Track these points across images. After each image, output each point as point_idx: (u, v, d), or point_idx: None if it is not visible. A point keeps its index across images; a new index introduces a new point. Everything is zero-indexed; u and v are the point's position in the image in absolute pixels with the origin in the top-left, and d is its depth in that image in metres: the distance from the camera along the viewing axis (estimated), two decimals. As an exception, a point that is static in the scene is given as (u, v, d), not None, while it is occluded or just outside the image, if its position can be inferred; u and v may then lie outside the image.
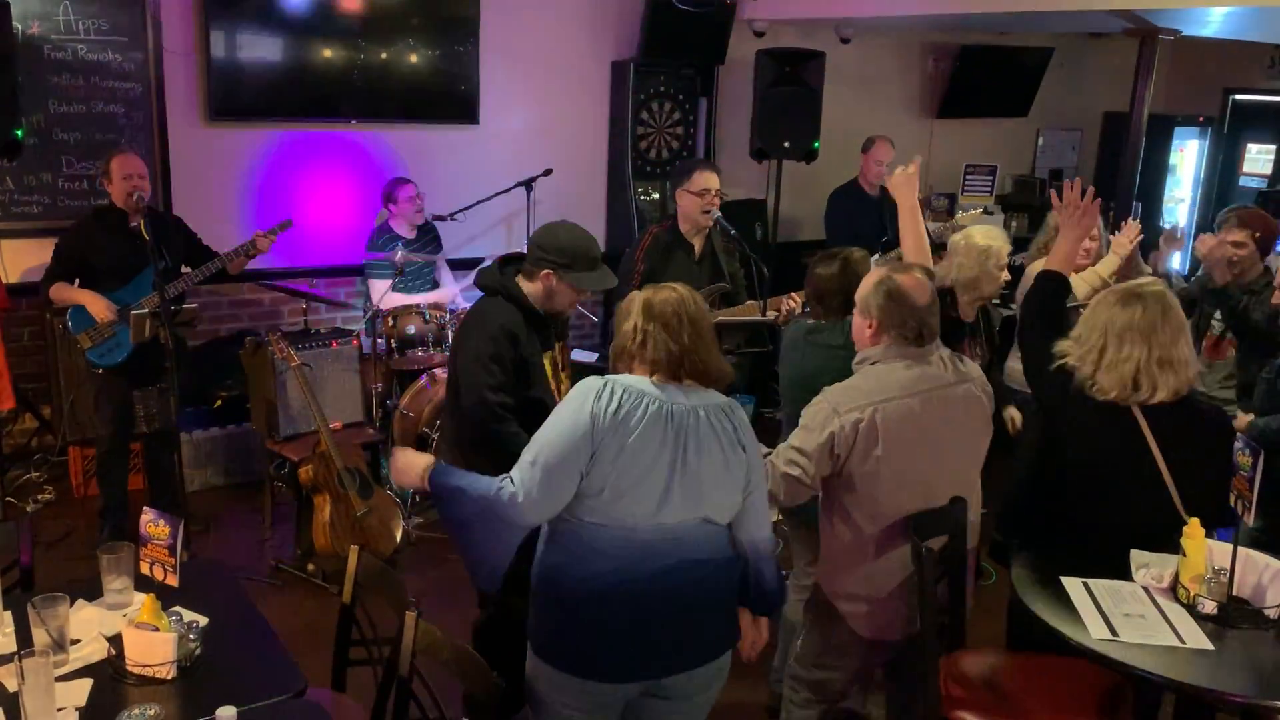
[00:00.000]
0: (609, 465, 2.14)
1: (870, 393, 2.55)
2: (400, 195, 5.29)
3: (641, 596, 2.21)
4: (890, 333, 2.60)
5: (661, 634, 2.24)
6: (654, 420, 2.16)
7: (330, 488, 4.08)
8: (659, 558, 2.21)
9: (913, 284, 2.60)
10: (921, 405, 2.57)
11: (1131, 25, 5.31)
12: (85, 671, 2.18)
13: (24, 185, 4.96)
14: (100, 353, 4.16)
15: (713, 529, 2.28)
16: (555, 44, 6.14)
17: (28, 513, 4.59)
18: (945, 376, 2.64)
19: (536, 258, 2.90)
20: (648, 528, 2.19)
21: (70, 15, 4.90)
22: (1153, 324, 2.64)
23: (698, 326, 2.26)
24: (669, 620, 2.24)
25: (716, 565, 2.29)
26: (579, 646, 2.25)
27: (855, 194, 5.88)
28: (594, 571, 2.20)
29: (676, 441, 2.17)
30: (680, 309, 2.26)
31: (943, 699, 2.57)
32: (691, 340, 2.24)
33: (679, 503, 2.19)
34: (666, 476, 2.17)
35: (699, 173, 4.05)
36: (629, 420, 2.14)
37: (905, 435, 2.55)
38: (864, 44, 7.06)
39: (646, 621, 2.22)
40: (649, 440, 2.15)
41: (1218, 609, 2.37)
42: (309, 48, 5.41)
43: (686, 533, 2.23)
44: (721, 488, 2.24)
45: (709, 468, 2.20)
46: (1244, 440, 2.49)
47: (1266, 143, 7.75)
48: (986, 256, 3.61)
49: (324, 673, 2.63)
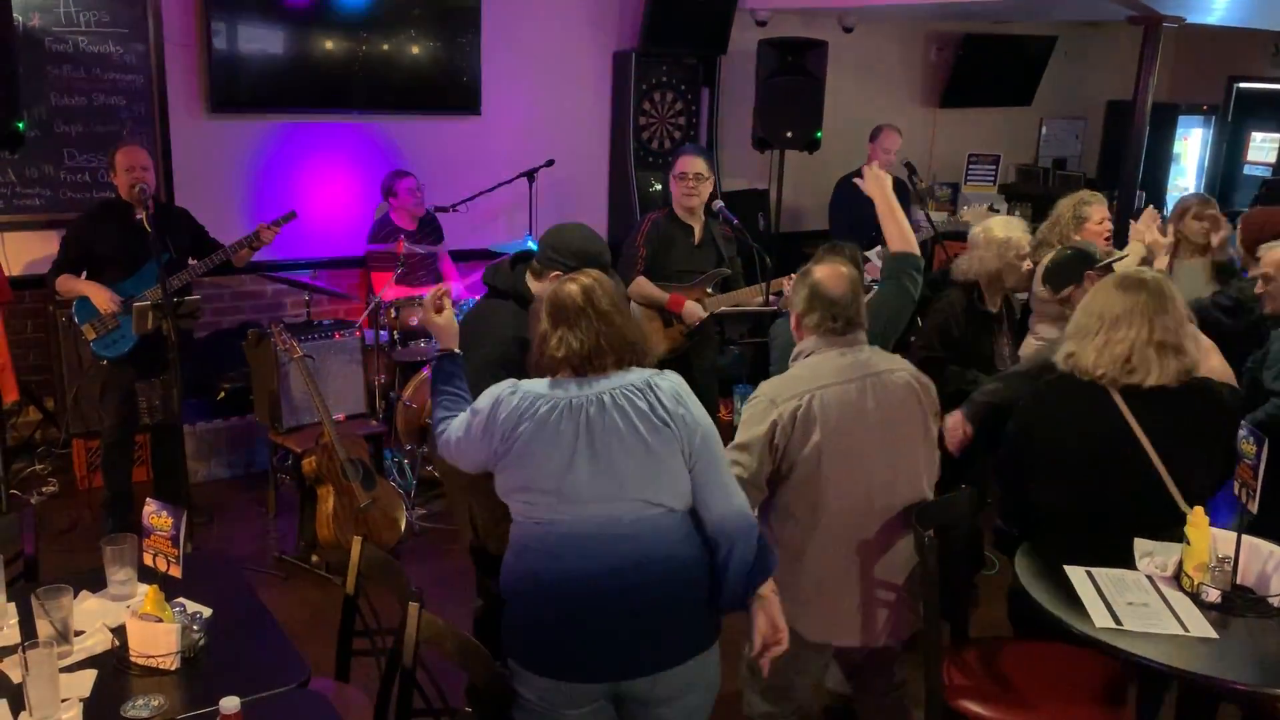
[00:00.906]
0: (514, 469, 2.21)
1: (807, 380, 2.56)
2: (400, 188, 5.29)
3: (584, 595, 2.17)
4: (814, 325, 2.63)
5: (606, 635, 2.18)
6: (542, 421, 2.18)
7: (333, 479, 4.09)
8: (601, 555, 2.17)
9: (829, 275, 2.62)
10: (858, 391, 2.56)
11: (1135, 13, 5.29)
12: (89, 662, 2.18)
13: (25, 178, 4.95)
14: (105, 344, 4.17)
15: (665, 521, 2.21)
16: (557, 34, 6.13)
17: (32, 505, 4.60)
18: (879, 364, 2.64)
19: (547, 258, 2.87)
20: (578, 522, 2.18)
21: (71, 7, 4.89)
22: (1153, 309, 2.64)
23: (604, 315, 2.24)
24: (616, 620, 2.18)
25: (673, 563, 2.21)
26: (533, 644, 2.24)
27: (858, 185, 5.86)
28: (536, 569, 2.21)
29: (576, 434, 2.17)
30: (585, 303, 2.24)
31: (946, 688, 2.57)
32: (598, 331, 2.22)
33: (595, 493, 2.17)
34: (573, 469, 2.16)
35: (681, 157, 4.15)
36: (519, 426, 2.19)
37: (845, 420, 2.53)
38: (866, 33, 7.04)
39: (590, 621, 2.18)
40: (543, 439, 2.17)
41: (1222, 597, 2.36)
42: (310, 39, 5.40)
43: (633, 527, 2.18)
44: (647, 468, 2.18)
45: (621, 450, 2.17)
46: (1248, 428, 2.48)
47: (1271, 131, 7.72)
48: (1007, 248, 3.62)
49: (328, 663, 2.64)
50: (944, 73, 7.58)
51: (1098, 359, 2.66)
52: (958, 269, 3.74)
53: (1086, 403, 2.68)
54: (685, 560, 2.23)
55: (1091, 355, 2.67)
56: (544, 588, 2.20)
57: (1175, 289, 2.74)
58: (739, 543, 2.23)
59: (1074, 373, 2.71)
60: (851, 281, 2.63)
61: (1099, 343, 2.67)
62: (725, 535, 2.23)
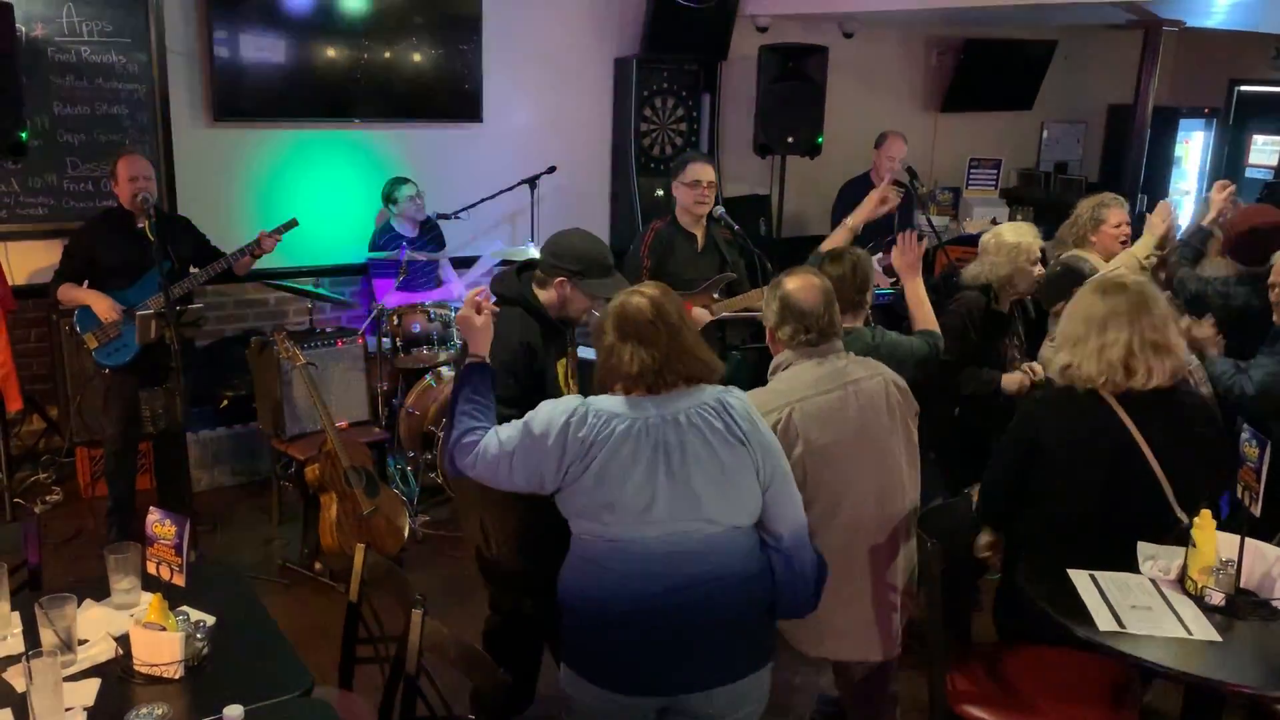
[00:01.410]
0: (587, 489, 2.17)
1: (785, 394, 2.56)
2: (399, 195, 5.30)
3: (649, 612, 2.17)
4: (788, 338, 2.64)
5: (670, 651, 2.18)
6: (620, 440, 2.15)
7: (337, 486, 4.09)
8: (668, 574, 2.16)
9: (800, 287, 2.63)
10: (838, 400, 2.56)
11: (1135, 17, 5.30)
12: (93, 671, 2.18)
13: (29, 187, 4.97)
14: (107, 353, 4.18)
15: (734, 538, 2.21)
16: (558, 41, 6.14)
17: (36, 513, 4.59)
18: (856, 371, 2.63)
19: (550, 265, 2.88)
20: (651, 541, 2.16)
21: (74, 17, 4.91)
22: (1137, 309, 2.62)
23: (674, 330, 2.21)
24: (678, 637, 2.18)
25: (736, 581, 2.20)
26: (593, 655, 2.25)
27: (866, 188, 5.85)
28: (601, 585, 2.20)
29: (654, 455, 2.15)
30: (655, 317, 2.21)
31: (950, 694, 2.57)
32: (669, 347, 2.19)
33: (671, 513, 2.15)
34: (649, 491, 2.14)
35: (691, 165, 4.13)
36: (595, 445, 2.16)
37: (826, 431, 2.53)
38: (867, 38, 7.05)
39: (654, 637, 2.18)
40: (618, 460, 2.15)
41: (1225, 601, 2.35)
42: (312, 48, 5.42)
43: (702, 545, 2.17)
44: (722, 488, 2.18)
45: (700, 471, 2.16)
46: (1250, 431, 2.48)
47: (1272, 134, 7.71)
48: (1017, 253, 3.64)
49: (331, 671, 2.64)
50: (945, 77, 7.59)
51: (1097, 365, 2.62)
52: (968, 275, 3.77)
53: (1087, 413, 2.65)
54: (750, 577, 2.23)
55: (1091, 362, 2.62)
56: (609, 602, 2.19)
57: (1156, 290, 2.73)
58: (797, 554, 2.25)
59: (1074, 384, 2.67)
60: (824, 292, 2.62)
61: (1094, 348, 2.62)
62: (786, 546, 2.24)
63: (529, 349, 2.82)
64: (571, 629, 2.28)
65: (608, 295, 2.92)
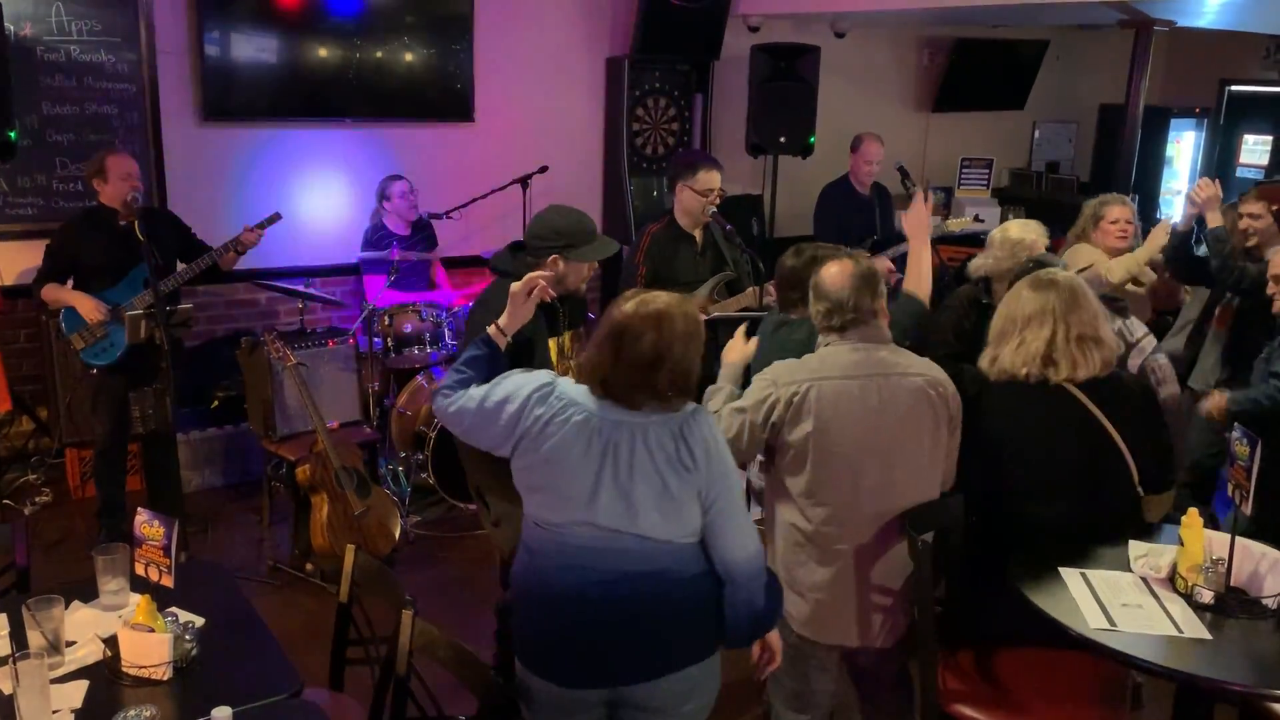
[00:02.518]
0: (536, 467, 2.21)
1: (812, 370, 2.59)
2: (393, 192, 5.29)
3: (584, 603, 2.18)
4: (818, 320, 2.67)
5: (606, 642, 2.19)
6: (576, 430, 2.16)
7: (328, 487, 4.08)
8: (607, 566, 2.17)
9: (829, 274, 2.65)
10: (860, 389, 2.56)
11: (1126, 17, 5.30)
12: (81, 673, 2.17)
13: (18, 187, 4.95)
14: (94, 353, 4.15)
15: (672, 548, 2.19)
16: (550, 41, 6.14)
17: (25, 515, 4.59)
18: (895, 365, 2.63)
19: (538, 247, 2.95)
20: (587, 535, 2.17)
21: (63, 16, 4.88)
22: (1068, 305, 2.72)
23: (664, 358, 2.14)
24: (614, 629, 2.18)
25: (675, 575, 2.19)
26: (535, 644, 2.28)
27: (846, 191, 5.86)
28: (542, 570, 2.23)
29: (603, 455, 2.15)
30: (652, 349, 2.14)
31: (940, 693, 2.57)
32: (645, 374, 2.14)
33: (609, 514, 2.16)
34: (591, 486, 2.15)
35: (704, 171, 4.05)
36: (548, 427, 2.18)
37: (839, 415, 2.53)
38: (859, 38, 7.06)
39: (593, 628, 2.19)
40: (568, 449, 2.16)
41: (1215, 599, 2.36)
42: (303, 47, 5.40)
43: (637, 545, 2.17)
44: (661, 510, 2.15)
45: (642, 488, 2.15)
46: (1241, 430, 2.48)
47: (1263, 133, 7.74)
48: (1021, 248, 3.65)
49: (322, 672, 2.63)
50: (937, 77, 7.60)
51: (1014, 359, 2.73)
52: (972, 267, 3.81)
53: (1048, 402, 2.71)
54: (689, 573, 2.21)
55: (1008, 356, 2.75)
56: (549, 592, 2.22)
57: (1086, 286, 2.82)
58: (743, 587, 2.22)
59: (999, 375, 2.77)
60: (854, 278, 2.62)
61: (1014, 344, 2.75)
62: (731, 577, 2.22)
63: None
64: (517, 619, 2.32)
65: (601, 258, 3.01)
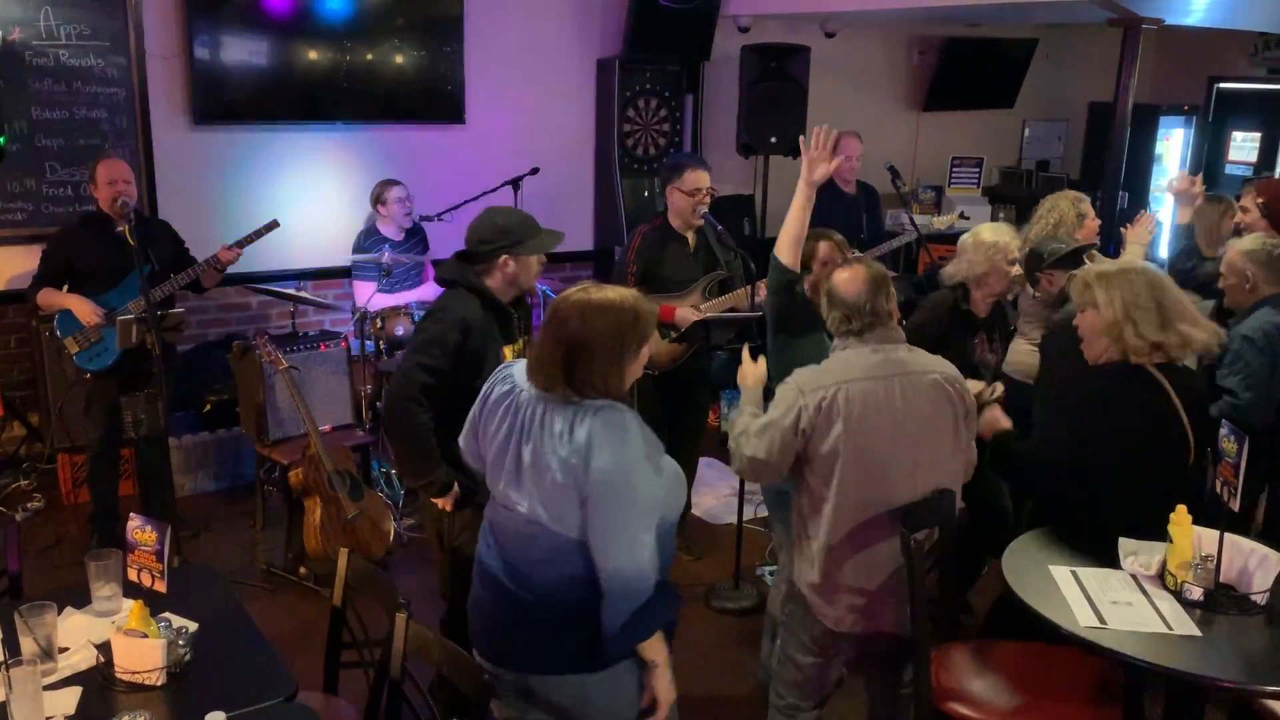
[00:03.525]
0: (478, 435, 2.39)
1: (836, 374, 2.61)
2: (389, 197, 5.28)
3: (488, 577, 2.32)
4: (835, 325, 2.71)
5: (497, 624, 2.31)
6: (499, 399, 2.32)
7: (320, 490, 4.08)
8: (508, 544, 2.29)
9: (845, 279, 2.69)
10: (885, 389, 2.59)
11: (1115, 15, 5.32)
12: (74, 679, 2.17)
13: (7, 192, 4.93)
14: (88, 357, 4.15)
15: (557, 540, 2.18)
16: (540, 42, 6.14)
17: (16, 520, 4.57)
18: (913, 364, 2.67)
19: (485, 251, 2.95)
20: (498, 512, 2.31)
21: (51, 21, 4.87)
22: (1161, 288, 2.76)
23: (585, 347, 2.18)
24: (502, 613, 2.29)
25: (562, 575, 2.19)
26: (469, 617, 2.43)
27: (831, 191, 5.87)
28: (479, 543, 2.40)
29: (513, 425, 2.27)
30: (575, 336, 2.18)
31: (935, 690, 2.58)
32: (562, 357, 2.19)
33: (506, 483, 2.27)
34: (504, 455, 2.28)
35: (690, 171, 4.06)
36: (488, 396, 2.37)
37: (867, 416, 2.56)
38: (848, 38, 7.07)
39: (486, 605, 2.33)
40: (494, 417, 2.32)
41: (1204, 595, 2.37)
42: (293, 50, 5.40)
43: (530, 528, 2.22)
44: (543, 492, 2.19)
45: (532, 462, 2.21)
46: (1229, 427, 2.49)
47: (1251, 130, 7.76)
48: (994, 251, 3.65)
49: (315, 676, 2.63)
50: (926, 76, 7.61)
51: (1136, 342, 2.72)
52: (946, 273, 3.78)
53: (1138, 388, 2.73)
54: (579, 584, 2.19)
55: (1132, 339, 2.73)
56: (476, 562, 2.40)
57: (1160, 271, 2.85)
58: (611, 600, 2.16)
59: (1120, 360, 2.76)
60: (869, 282, 2.66)
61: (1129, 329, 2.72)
62: (616, 593, 2.16)
63: (464, 324, 2.89)
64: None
65: (551, 248, 3.05)
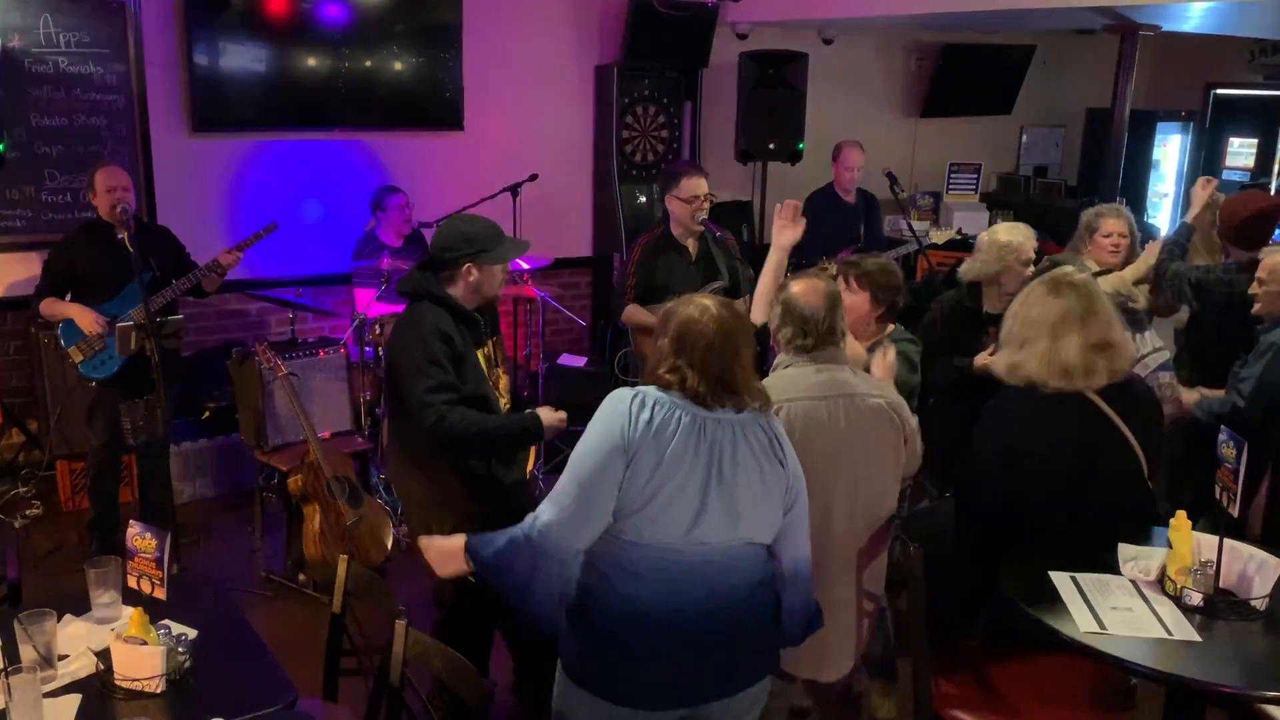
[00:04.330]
0: (646, 477, 2.08)
1: (778, 390, 2.54)
2: (390, 204, 5.27)
3: (678, 622, 2.14)
4: (787, 340, 2.64)
5: (698, 661, 2.18)
6: (688, 432, 2.10)
7: (320, 497, 4.08)
8: (697, 582, 2.14)
9: (803, 291, 2.63)
10: (828, 410, 2.56)
11: (1112, 22, 5.34)
12: (73, 687, 2.17)
13: (6, 199, 4.94)
14: (92, 366, 4.15)
15: (753, 551, 2.21)
16: (539, 49, 6.15)
17: (15, 528, 4.56)
18: (857, 386, 2.63)
19: (449, 259, 2.93)
20: (685, 549, 2.12)
21: (51, 28, 4.88)
22: (1086, 309, 2.68)
23: (729, 351, 2.14)
24: (707, 647, 2.18)
25: (754, 590, 2.22)
26: (614, 671, 2.19)
27: (831, 199, 5.89)
28: (630, 594, 2.14)
29: (710, 456, 2.10)
30: (713, 339, 2.13)
31: (935, 698, 2.58)
32: (722, 367, 2.13)
33: (715, 521, 2.11)
34: (701, 493, 2.09)
35: (687, 179, 4.07)
36: (664, 430, 2.09)
37: (808, 435, 2.52)
38: (846, 45, 7.09)
39: (683, 648, 2.16)
40: (683, 452, 2.09)
41: (1204, 601, 2.37)
42: (292, 57, 5.41)
43: (726, 556, 2.17)
44: (760, 505, 2.17)
45: (745, 484, 2.13)
46: (1228, 433, 2.50)
47: (1248, 136, 7.79)
48: (1007, 251, 3.67)
49: (315, 683, 2.63)
50: (924, 83, 7.63)
51: (1040, 368, 2.67)
52: (962, 271, 3.82)
53: (1067, 409, 2.68)
54: (764, 588, 2.25)
55: (1034, 364, 2.68)
56: (628, 610, 2.14)
57: (1099, 287, 2.79)
58: (802, 587, 2.29)
59: (1020, 382, 2.71)
60: (827, 296, 2.62)
61: (1039, 350, 2.68)
62: (796, 577, 2.27)
63: (442, 333, 2.88)
64: (584, 642, 2.22)
65: (515, 257, 3.05)
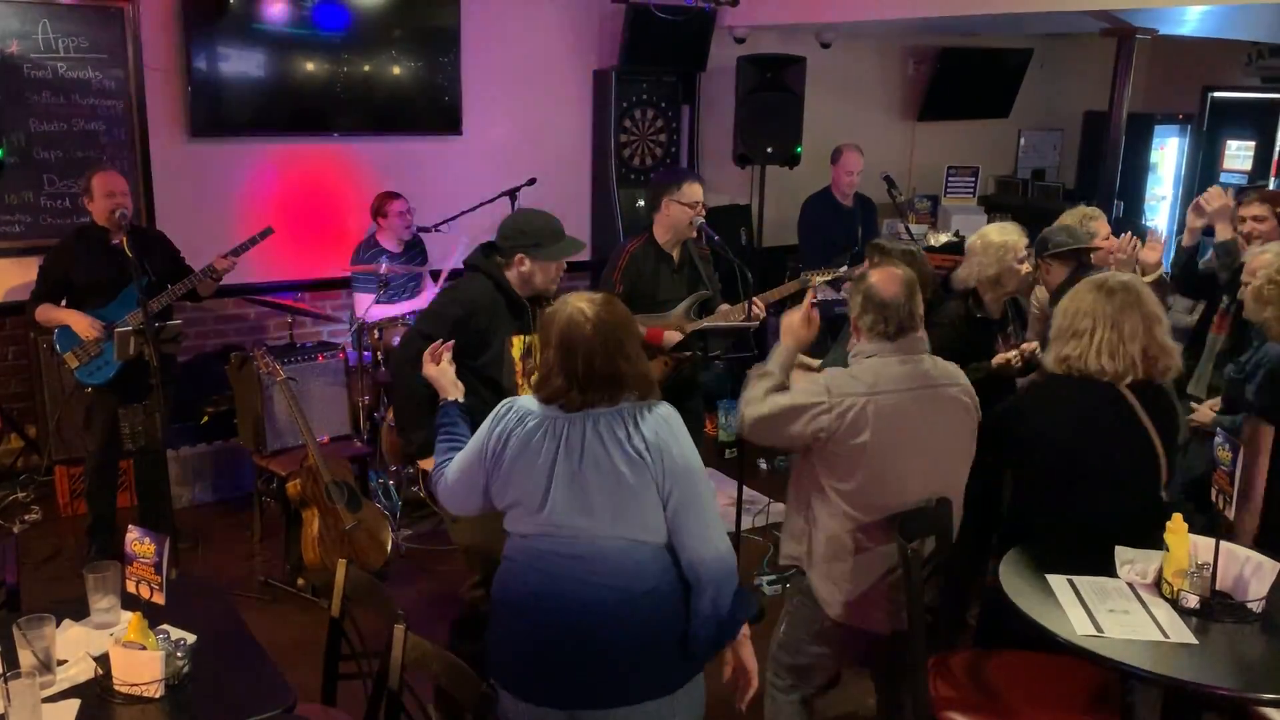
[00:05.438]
0: (502, 482, 2.27)
1: (868, 385, 2.61)
2: (390, 209, 5.28)
3: (552, 617, 2.18)
4: (868, 328, 2.69)
5: (569, 661, 2.19)
6: (529, 435, 2.23)
7: (318, 501, 4.08)
8: (575, 578, 2.17)
9: (882, 279, 2.68)
10: (914, 402, 2.62)
11: (1109, 25, 5.35)
12: (72, 692, 2.16)
13: (5, 204, 4.94)
14: (88, 371, 4.15)
15: (641, 553, 2.18)
16: (537, 53, 6.16)
17: (14, 533, 4.57)
18: (937, 376, 2.69)
19: (507, 247, 3.10)
20: (556, 536, 2.20)
21: (50, 33, 4.89)
22: (1147, 309, 2.74)
23: (613, 348, 2.20)
24: (579, 648, 2.17)
25: (646, 599, 2.17)
26: (499, 658, 2.30)
27: (828, 202, 5.90)
28: (516, 584, 2.27)
29: (555, 451, 2.20)
30: (594, 340, 2.19)
31: (932, 699, 2.58)
32: (610, 367, 2.19)
33: (570, 515, 2.18)
34: (546, 480, 2.20)
35: (688, 184, 4.09)
36: (510, 439, 2.25)
37: (894, 429, 2.59)
38: (844, 48, 7.10)
39: (552, 645, 2.20)
40: (527, 455, 2.22)
41: (1201, 603, 2.38)
42: (291, 61, 5.42)
43: (593, 550, 2.18)
44: (621, 498, 2.16)
45: (596, 476, 2.17)
46: (1224, 435, 2.51)
47: (1246, 139, 7.80)
48: (1004, 251, 3.67)
49: (314, 687, 2.63)
50: (922, 86, 7.64)
51: (1095, 357, 2.70)
52: (956, 279, 3.79)
53: (1100, 401, 2.72)
54: (660, 598, 2.20)
55: (1091, 353, 2.71)
56: (520, 603, 2.25)
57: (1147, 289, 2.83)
58: (709, 589, 2.20)
59: (1069, 371, 2.75)
60: (906, 284, 2.67)
61: (1101, 339, 2.71)
62: (697, 579, 2.20)
63: (471, 303, 3.05)
64: (491, 630, 2.35)
65: (566, 257, 3.14)
